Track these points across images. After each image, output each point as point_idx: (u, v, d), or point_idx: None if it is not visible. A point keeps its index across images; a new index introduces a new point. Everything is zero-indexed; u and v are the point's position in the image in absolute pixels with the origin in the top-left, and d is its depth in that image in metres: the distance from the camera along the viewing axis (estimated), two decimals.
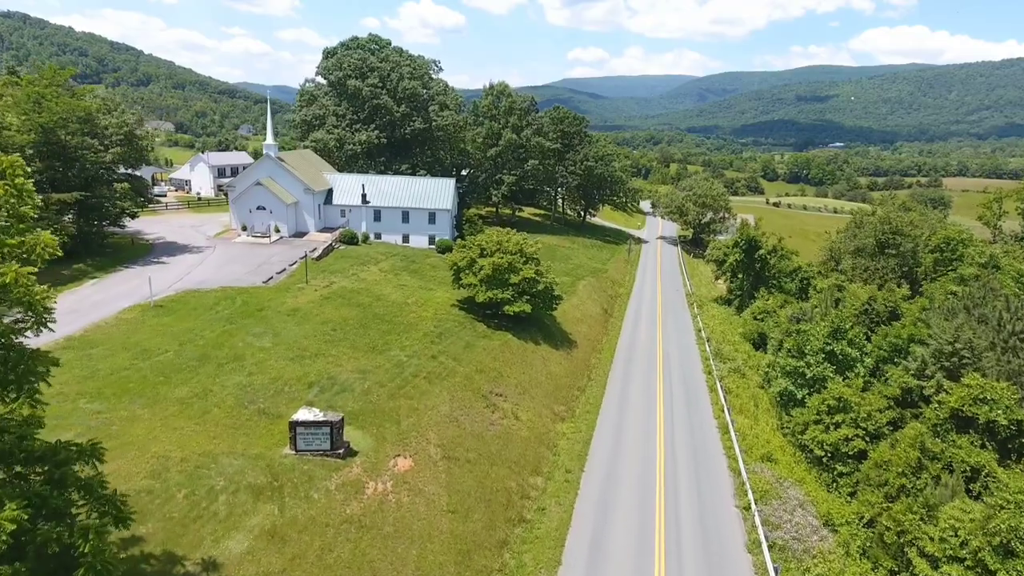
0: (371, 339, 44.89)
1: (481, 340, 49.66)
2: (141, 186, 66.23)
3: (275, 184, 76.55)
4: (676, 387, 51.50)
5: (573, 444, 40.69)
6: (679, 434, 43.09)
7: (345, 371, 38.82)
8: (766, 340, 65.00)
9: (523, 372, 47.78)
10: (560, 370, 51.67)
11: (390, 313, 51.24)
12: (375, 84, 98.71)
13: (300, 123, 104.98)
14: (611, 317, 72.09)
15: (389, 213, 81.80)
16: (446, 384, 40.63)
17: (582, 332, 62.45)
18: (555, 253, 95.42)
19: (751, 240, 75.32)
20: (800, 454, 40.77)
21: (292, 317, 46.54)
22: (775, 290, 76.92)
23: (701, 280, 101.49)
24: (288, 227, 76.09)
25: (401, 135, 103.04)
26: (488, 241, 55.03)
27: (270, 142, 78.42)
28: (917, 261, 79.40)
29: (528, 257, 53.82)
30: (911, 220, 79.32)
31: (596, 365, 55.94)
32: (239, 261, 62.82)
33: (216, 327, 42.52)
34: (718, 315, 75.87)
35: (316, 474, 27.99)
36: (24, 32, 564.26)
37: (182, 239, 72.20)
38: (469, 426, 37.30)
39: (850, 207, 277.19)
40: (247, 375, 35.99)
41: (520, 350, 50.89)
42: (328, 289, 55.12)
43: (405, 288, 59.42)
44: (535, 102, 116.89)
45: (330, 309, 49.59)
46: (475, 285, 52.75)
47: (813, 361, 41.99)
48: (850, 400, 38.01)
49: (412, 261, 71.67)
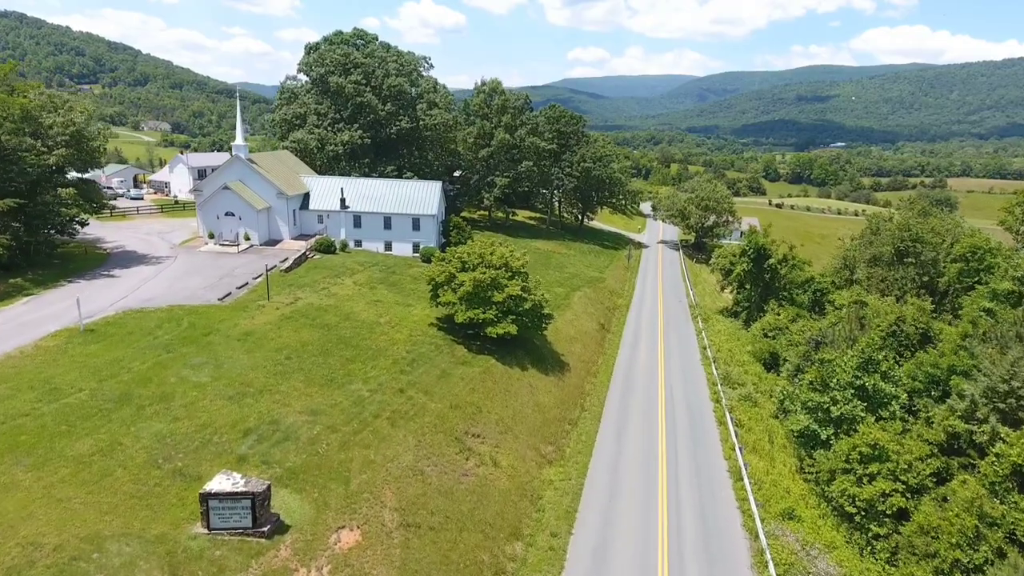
0: (330, 369, 39.05)
1: (459, 367, 43.80)
2: (92, 191, 60.39)
3: (245, 188, 70.74)
4: (680, 419, 45.64)
5: (561, 496, 34.85)
6: (684, 479, 37.28)
7: (292, 412, 33.00)
8: (778, 360, 59.21)
9: (506, 405, 41.93)
10: (550, 400, 45.81)
11: (358, 336, 45.39)
12: (358, 81, 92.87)
13: (280, 122, 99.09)
14: (608, 333, 66.21)
15: (370, 219, 75.99)
16: (413, 426, 34.79)
17: (576, 352, 56.58)
18: (550, 260, 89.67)
19: (760, 248, 69.48)
20: (826, 506, 34.96)
21: (243, 343, 40.71)
22: (786, 302, 71.09)
23: (705, 288, 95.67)
24: (259, 234, 70.28)
25: (386, 135, 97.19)
26: (470, 253, 49.20)
27: (240, 142, 72.57)
28: (939, 271, 73.51)
29: (514, 272, 47.98)
30: (932, 227, 73.40)
31: (591, 392, 50.08)
32: (199, 273, 57.06)
33: (149, 357, 36.71)
34: (724, 330, 70.01)
35: (229, 563, 22.15)
36: (21, 32, 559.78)
37: (143, 248, 66.48)
38: (436, 479, 31.47)
39: (854, 208, 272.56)
40: (170, 421, 30.15)
41: (504, 378, 45.04)
42: (292, 307, 49.31)
43: (380, 305, 53.57)
44: (529, 100, 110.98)
45: (289, 332, 43.76)
46: (454, 303, 46.93)
47: (840, 397, 36.19)
48: (887, 447, 32.21)
49: (392, 272, 65.85)
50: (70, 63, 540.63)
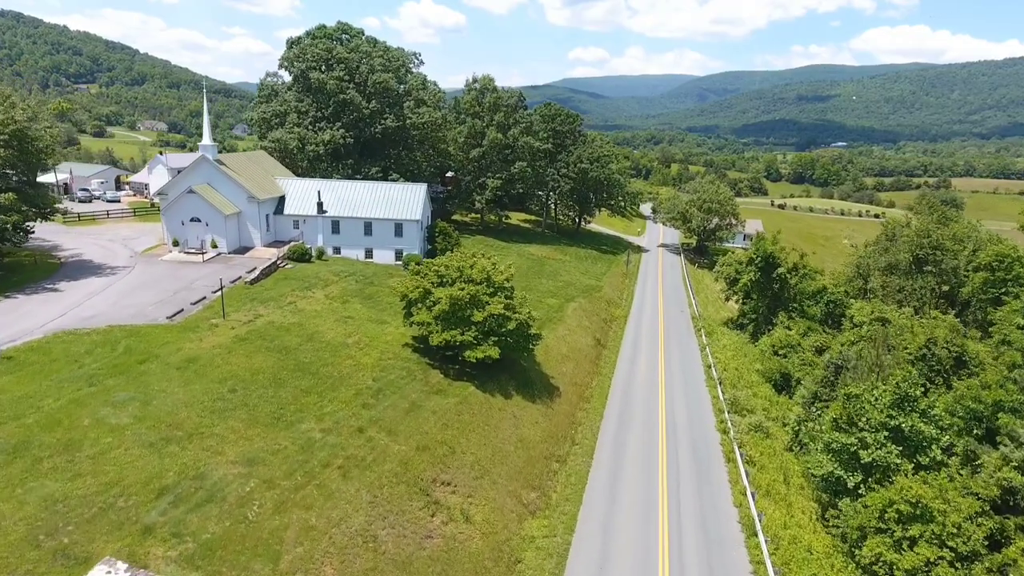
0: (280, 404, 33.83)
1: (432, 398, 38.58)
2: (38, 196, 55.09)
3: (212, 192, 65.52)
4: (683, 455, 40.37)
5: (544, 559, 29.59)
6: (689, 535, 32.05)
7: (224, 462, 27.78)
8: (790, 381, 54.05)
9: (485, 442, 36.70)
10: (536, 433, 40.55)
11: (319, 360, 40.18)
12: (341, 77, 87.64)
13: (259, 121, 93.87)
14: (605, 349, 60.93)
15: (349, 224, 70.78)
16: (369, 476, 29.57)
17: (568, 374, 51.31)
18: (543, 267, 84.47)
19: (769, 257, 64.24)
20: (855, 569, 29.70)
21: (182, 372, 35.49)
22: (796, 314, 65.94)
23: (708, 296, 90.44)
24: (227, 242, 65.01)
25: (371, 134, 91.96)
26: (447, 266, 43.98)
27: (207, 142, 67.30)
28: (960, 280, 68.38)
29: (497, 287, 42.72)
30: (954, 233, 68.20)
31: (583, 421, 44.80)
32: (154, 286, 51.83)
33: (66, 392, 31.49)
34: (730, 344, 64.73)
35: None
36: (17, 31, 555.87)
37: (101, 257, 61.25)
38: (393, 546, 26.25)
39: (858, 209, 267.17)
40: (69, 479, 24.95)
41: (484, 408, 39.80)
42: (249, 326, 44.09)
43: (350, 322, 48.34)
44: (523, 98, 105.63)
45: (239, 357, 38.53)
46: (429, 323, 41.70)
47: (872, 440, 30.98)
48: (931, 506, 27.00)
49: (370, 283, 60.66)
50: (67, 62, 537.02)
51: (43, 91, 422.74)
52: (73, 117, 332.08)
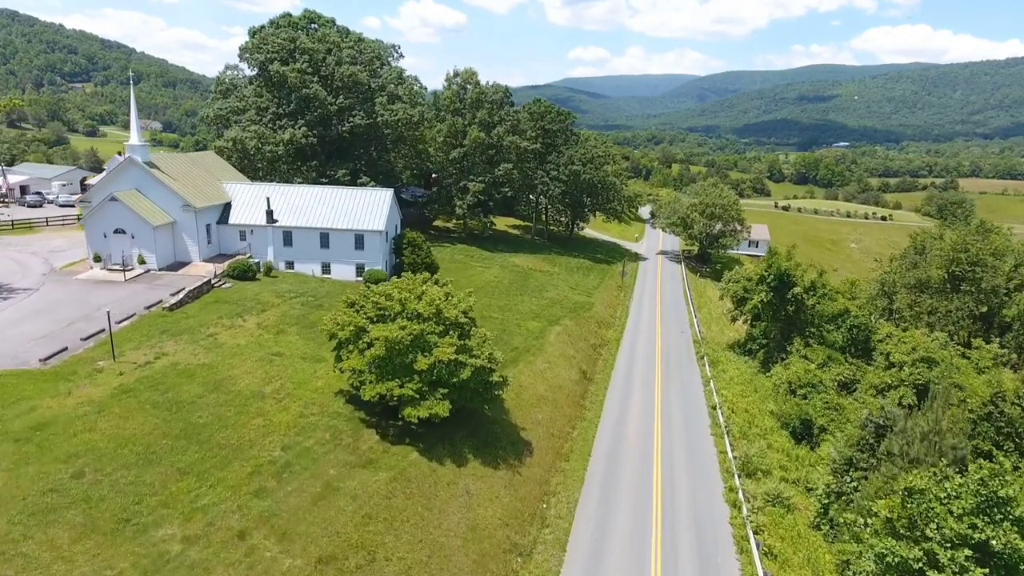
0: (138, 494, 25.02)
1: (356, 474, 29.70)
2: None
3: (140, 199, 56.77)
4: (684, 544, 31.43)
5: None
6: None
7: None
8: (811, 428, 45.22)
9: (421, 537, 27.83)
10: (493, 515, 31.62)
11: (218, 420, 31.35)
12: (303, 70, 78.81)
13: (215, 119, 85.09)
14: (592, 384, 52.02)
15: (303, 235, 62.06)
16: None
17: (543, 422, 42.39)
18: (527, 282, 75.61)
19: (783, 275, 55.42)
20: None
21: (20, 446, 26.68)
22: (814, 340, 57.10)
23: (711, 312, 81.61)
24: (158, 257, 56.23)
25: (338, 133, 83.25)
26: (390, 296, 35.12)
27: (135, 142, 58.39)
28: (1001, 301, 59.57)
29: (449, 324, 33.85)
30: (995, 247, 59.27)
31: (558, 491, 35.87)
32: (50, 314, 43.10)
33: None
34: (737, 376, 55.86)
35: None
36: (12, 30, 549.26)
37: (6, 273, 52.67)
38: None
39: (864, 210, 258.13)
40: None
41: (426, 484, 30.94)
42: (143, 370, 35.29)
43: (277, 361, 39.50)
44: (509, 93, 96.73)
45: (110, 420, 29.70)
46: (361, 371, 32.88)
47: (945, 559, 22.29)
48: None
49: (319, 306, 51.83)
50: (62, 61, 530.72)
51: (37, 90, 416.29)
52: (64, 116, 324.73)
